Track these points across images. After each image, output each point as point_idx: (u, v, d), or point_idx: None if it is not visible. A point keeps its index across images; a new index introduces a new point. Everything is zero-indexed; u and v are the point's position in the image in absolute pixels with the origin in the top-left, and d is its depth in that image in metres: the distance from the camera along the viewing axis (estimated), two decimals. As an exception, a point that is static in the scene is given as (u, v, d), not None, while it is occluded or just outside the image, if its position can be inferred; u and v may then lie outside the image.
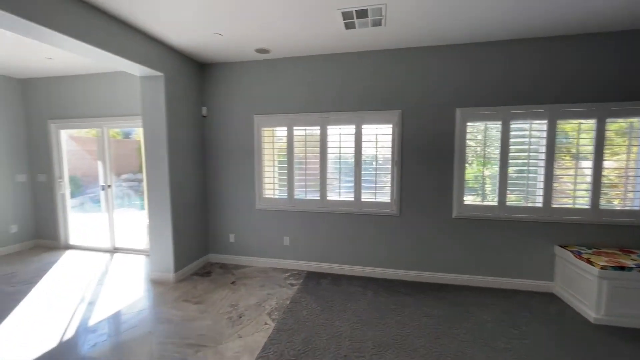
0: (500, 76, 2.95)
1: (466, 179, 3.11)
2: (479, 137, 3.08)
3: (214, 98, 3.63)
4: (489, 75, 2.97)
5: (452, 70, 3.03)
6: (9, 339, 2.22)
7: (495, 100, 2.97)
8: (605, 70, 2.75)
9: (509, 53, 2.91)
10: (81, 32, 2.19)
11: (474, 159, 3.11)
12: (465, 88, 3.02)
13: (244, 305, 2.73)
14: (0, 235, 4.08)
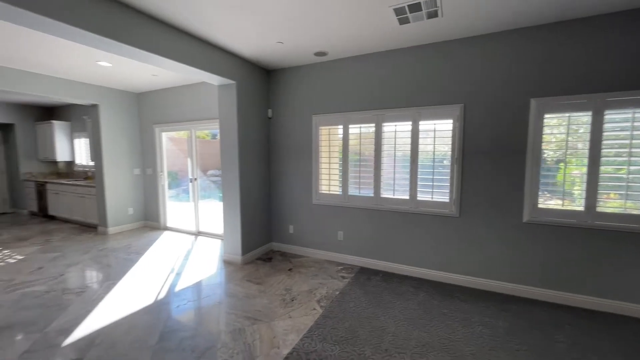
0: (588, 58, 2.50)
1: (542, 180, 2.73)
2: (560, 130, 2.67)
3: (277, 101, 3.99)
4: (573, 59, 2.55)
5: (524, 57, 2.70)
6: (124, 293, 2.91)
7: (583, 87, 2.54)
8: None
9: (600, 29, 2.44)
10: (177, 54, 2.70)
11: (552, 157, 2.71)
12: (541, 76, 2.66)
13: (297, 291, 2.96)
14: (121, 216, 5.25)
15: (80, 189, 5.51)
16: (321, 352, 2.04)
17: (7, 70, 3.86)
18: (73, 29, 2.02)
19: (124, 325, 2.36)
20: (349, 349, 2.08)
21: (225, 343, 2.15)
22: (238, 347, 2.11)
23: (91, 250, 4.19)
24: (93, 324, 2.38)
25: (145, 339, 2.19)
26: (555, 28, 2.57)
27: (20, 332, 2.26)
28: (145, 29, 2.44)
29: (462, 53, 2.92)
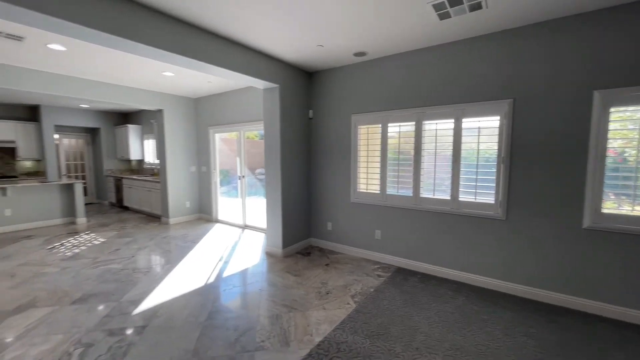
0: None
1: (607, 182, 2.44)
2: (630, 125, 2.36)
3: (318, 101, 4.13)
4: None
5: (585, 45, 2.43)
6: (180, 275, 3.30)
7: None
8: None
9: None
10: (227, 62, 2.99)
11: (620, 155, 2.40)
12: (605, 65, 2.37)
13: (332, 285, 3.06)
14: (180, 209, 5.89)
15: (148, 184, 6.31)
16: (351, 344, 2.11)
17: (96, 84, 4.62)
18: (152, 49, 2.38)
19: (180, 303, 2.70)
20: (379, 344, 2.11)
21: (264, 326, 2.34)
22: (275, 330, 2.28)
23: (155, 237, 4.80)
24: (156, 298, 2.77)
25: (196, 316, 2.48)
26: (630, 9, 2.28)
27: (102, 300, 2.73)
28: (201, 42, 2.75)
29: (510, 45, 2.74)
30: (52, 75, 4.18)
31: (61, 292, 2.88)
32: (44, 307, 2.60)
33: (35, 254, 3.99)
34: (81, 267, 3.53)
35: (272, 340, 2.17)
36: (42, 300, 2.72)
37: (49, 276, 3.26)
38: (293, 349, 2.07)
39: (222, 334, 2.23)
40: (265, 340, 2.16)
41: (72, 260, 3.75)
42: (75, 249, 4.17)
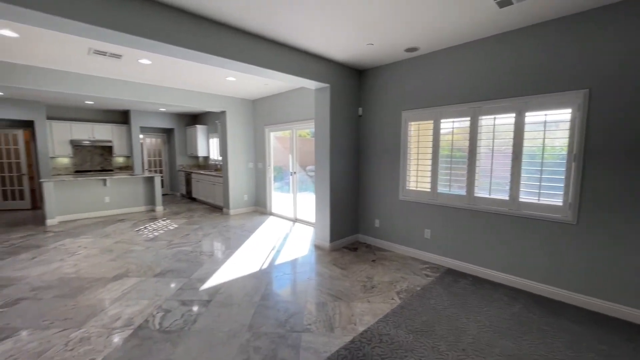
0: None
1: None
2: None
3: (368, 99, 4.16)
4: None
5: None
6: (238, 260, 3.67)
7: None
8: None
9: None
10: (281, 65, 3.23)
11: None
12: None
13: (378, 280, 3.11)
14: (238, 201, 6.45)
15: (212, 178, 7.03)
16: (394, 337, 2.16)
17: (172, 90, 5.32)
18: (220, 59, 2.72)
19: (238, 283, 3.02)
20: (422, 340, 2.12)
21: (310, 311, 2.51)
22: (320, 316, 2.43)
23: (218, 226, 5.36)
24: (218, 278, 3.14)
25: (252, 296, 2.76)
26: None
27: (176, 276, 3.20)
28: (261, 49, 3.02)
29: (580, 31, 2.44)
30: (140, 85, 4.95)
31: (146, 267, 3.45)
32: (134, 277, 3.16)
33: (126, 234, 4.80)
34: (160, 247, 4.15)
35: (318, 324, 2.32)
36: (132, 272, 3.30)
37: (136, 253, 3.91)
38: (337, 334, 2.19)
39: (273, 314, 2.46)
40: (312, 324, 2.33)
41: (153, 241, 4.43)
42: (155, 232, 4.90)
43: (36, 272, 3.26)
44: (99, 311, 2.49)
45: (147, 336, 2.16)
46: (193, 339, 2.13)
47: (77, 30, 2.13)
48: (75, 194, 5.84)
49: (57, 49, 3.40)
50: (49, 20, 1.98)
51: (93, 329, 2.24)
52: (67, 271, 3.31)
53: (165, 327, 2.26)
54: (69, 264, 3.53)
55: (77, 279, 3.10)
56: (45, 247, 4.12)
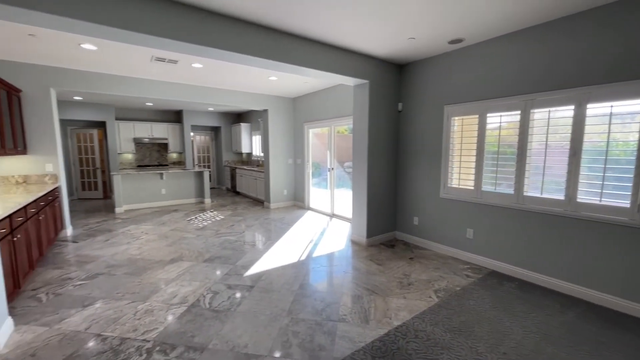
0: None
1: None
2: None
3: (408, 94, 4.07)
4: None
5: None
6: (278, 250, 3.87)
7: None
8: None
9: None
10: (321, 64, 3.31)
11: None
12: None
13: (415, 278, 3.07)
14: (279, 196, 6.73)
15: (254, 173, 7.41)
16: (430, 334, 2.14)
17: (219, 91, 5.71)
18: (258, 59, 2.89)
19: (278, 272, 3.20)
20: (460, 340, 2.08)
21: (346, 303, 2.58)
22: (355, 308, 2.50)
23: (259, 218, 5.66)
24: (260, 266, 3.36)
25: (291, 284, 2.92)
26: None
27: (223, 262, 3.49)
28: (299, 49, 3.13)
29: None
30: (192, 87, 5.40)
31: (197, 253, 3.80)
32: (187, 261, 3.51)
33: (179, 223, 5.30)
34: (208, 236, 4.52)
35: (353, 316, 2.39)
36: (185, 257, 3.66)
37: (189, 240, 4.32)
38: (372, 326, 2.24)
39: (310, 303, 2.58)
40: (347, 315, 2.40)
41: (202, 230, 4.84)
42: (204, 222, 5.34)
43: (109, 253, 3.78)
44: (159, 289, 2.82)
45: (199, 313, 2.41)
46: (238, 319, 2.33)
47: (144, 41, 2.42)
48: (138, 186, 6.57)
49: (126, 58, 3.87)
50: (124, 35, 2.28)
51: (155, 303, 2.56)
52: (133, 253, 3.78)
53: (214, 307, 2.50)
54: (134, 246, 4.02)
55: (141, 260, 3.53)
56: (115, 232, 4.73)
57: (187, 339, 2.09)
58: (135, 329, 2.20)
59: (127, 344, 2.03)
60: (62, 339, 2.08)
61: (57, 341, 2.06)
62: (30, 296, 2.67)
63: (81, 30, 2.20)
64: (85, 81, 4.46)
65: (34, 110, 4.13)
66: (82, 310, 2.44)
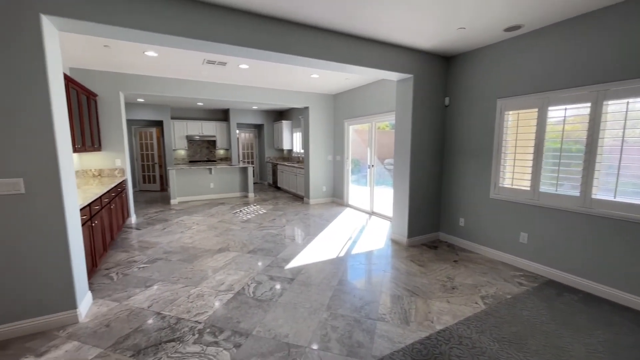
0: None
1: None
2: None
3: (456, 87, 3.84)
4: None
5: None
6: (317, 246, 3.94)
7: None
8: None
9: None
10: (363, 60, 3.27)
11: None
12: None
13: (460, 282, 2.92)
14: (318, 192, 6.82)
15: (295, 170, 7.59)
16: (476, 342, 2.03)
17: (263, 90, 5.94)
18: (301, 58, 2.95)
19: (317, 267, 3.27)
20: (510, 351, 1.94)
21: (386, 302, 2.55)
22: (395, 308, 2.45)
23: (299, 214, 5.81)
24: (300, 260, 3.46)
25: (329, 280, 2.96)
26: None
27: (265, 254, 3.65)
28: (342, 45, 3.12)
29: None
30: (239, 87, 5.69)
31: (241, 244, 4.03)
32: (233, 252, 3.74)
33: (226, 215, 5.65)
34: (252, 228, 4.76)
35: (393, 315, 2.35)
36: (232, 247, 3.91)
37: (234, 232, 4.59)
38: (412, 328, 2.19)
39: (349, 299, 2.60)
40: (387, 314, 2.37)
41: (247, 222, 5.11)
42: (248, 215, 5.63)
43: (166, 240, 4.18)
44: (209, 275, 3.06)
45: (244, 301, 2.56)
46: (279, 310, 2.43)
47: (202, 47, 2.61)
48: (189, 180, 7.13)
49: (181, 62, 4.20)
50: (190, 43, 2.49)
51: (205, 289, 2.78)
52: (186, 241, 4.13)
53: (258, 296, 2.64)
54: (187, 235, 4.39)
55: (193, 248, 3.85)
56: (171, 221, 5.20)
57: (233, 324, 2.24)
58: (189, 310, 2.41)
59: (182, 324, 2.23)
60: (129, 314, 2.37)
61: (125, 315, 2.35)
62: (104, 274, 3.07)
63: (156, 40, 2.46)
64: (147, 85, 4.94)
65: (106, 112, 4.70)
66: (144, 290, 2.74)
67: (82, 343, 2.03)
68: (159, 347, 1.98)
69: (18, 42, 1.93)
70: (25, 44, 1.95)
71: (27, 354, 1.92)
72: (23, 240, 2.05)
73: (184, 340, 2.05)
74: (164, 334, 2.12)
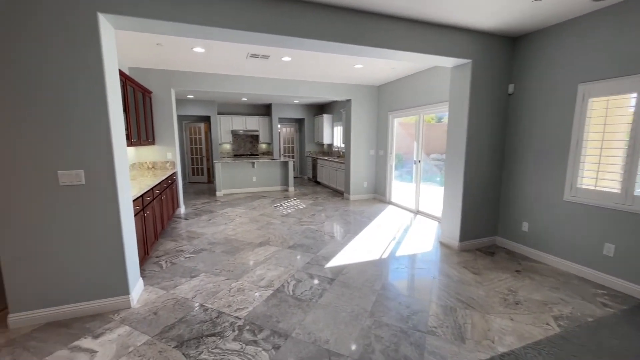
0: None
1: None
2: None
3: (523, 72, 3.34)
4: None
5: None
6: (358, 245, 3.76)
7: None
8: None
9: None
10: (415, 45, 2.97)
11: None
12: None
13: (524, 296, 2.54)
14: (359, 188, 6.60)
15: (335, 164, 7.44)
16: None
17: (305, 83, 5.84)
18: (349, 46, 2.75)
19: (358, 268, 3.10)
20: (599, 390, 1.59)
21: (436, 313, 2.30)
22: (448, 322, 2.19)
23: (339, 209, 5.66)
24: (340, 259, 3.31)
25: (372, 283, 2.78)
26: None
27: (305, 251, 3.57)
28: (391, 30, 2.85)
29: None
30: (281, 81, 5.67)
31: (282, 238, 4.00)
32: (273, 246, 3.72)
33: (267, 209, 5.72)
34: (292, 223, 4.73)
35: (445, 330, 2.10)
36: (272, 241, 3.90)
37: (275, 225, 4.60)
38: (469, 347, 1.92)
39: (394, 307, 2.39)
40: (438, 327, 2.13)
41: (286, 217, 5.10)
42: (288, 210, 5.63)
43: (211, 231, 4.32)
44: (249, 269, 3.06)
45: (284, 299, 2.50)
46: (319, 312, 2.32)
47: (252, 39, 2.56)
48: (234, 173, 7.37)
49: (226, 57, 4.25)
50: (238, 35, 2.45)
51: (246, 283, 2.77)
52: (229, 233, 4.23)
53: (297, 295, 2.56)
54: (230, 227, 4.50)
55: (235, 241, 3.92)
56: (216, 213, 5.40)
57: (272, 323, 2.17)
58: (230, 305, 2.41)
59: (222, 318, 2.23)
60: (175, 303, 2.43)
61: (171, 304, 2.42)
62: (154, 262, 3.24)
63: (211, 35, 2.50)
64: (195, 81, 5.13)
65: (159, 108, 4.98)
66: (189, 280, 2.82)
67: (133, 328, 2.11)
68: (200, 340, 1.99)
69: (77, 40, 2.02)
70: (84, 41, 2.04)
71: (86, 335, 2.05)
72: (84, 228, 2.19)
73: (224, 335, 2.03)
74: (206, 327, 2.13)
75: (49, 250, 2.14)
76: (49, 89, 2.01)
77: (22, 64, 1.94)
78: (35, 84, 1.98)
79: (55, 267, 2.17)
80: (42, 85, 1.99)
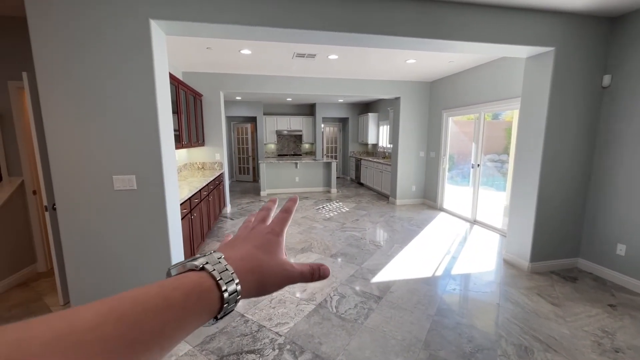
0: None
1: None
2: None
3: (625, 60, 2.71)
4: None
5: None
6: (408, 257, 3.43)
7: None
8: None
9: None
10: (484, 34, 2.56)
11: None
12: None
13: (625, 341, 2.02)
14: (405, 191, 6.17)
15: (380, 166, 7.07)
16: None
17: (350, 81, 5.59)
18: (403, 39, 2.46)
19: (409, 286, 2.79)
20: None
21: (507, 353, 1.92)
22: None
23: (385, 215, 5.32)
24: (388, 274, 3.04)
25: (425, 306, 2.46)
26: None
27: (349, 261, 3.36)
28: (454, 18, 2.49)
29: None
30: (327, 80, 5.50)
31: (324, 245, 3.84)
32: (315, 253, 3.57)
33: (309, 211, 5.61)
34: (334, 228, 4.54)
35: (521, 378, 1.73)
36: (314, 248, 3.75)
37: (317, 230, 4.46)
38: (556, 407, 1.54)
39: (454, 339, 2.06)
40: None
41: (329, 221, 4.93)
42: (330, 213, 5.46)
43: (254, 233, 4.32)
44: (291, 278, 2.94)
45: (326, 317, 2.32)
46: (366, 336, 2.09)
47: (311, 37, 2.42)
48: (277, 173, 7.42)
49: (273, 58, 4.20)
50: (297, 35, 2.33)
51: (287, 294, 2.65)
52: (271, 236, 4.18)
53: (341, 313, 2.36)
54: (272, 230, 4.46)
55: (277, 245, 3.85)
56: (259, 213, 5.43)
57: (314, 344, 2.01)
58: (270, 318, 2.30)
59: (262, 333, 2.12)
60: (217, 311, 2.40)
61: (213, 312, 2.39)
62: (201, 263, 3.29)
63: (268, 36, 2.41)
64: (242, 83, 5.20)
65: (209, 110, 5.14)
66: (232, 286, 2.79)
67: (176, 335, 2.10)
68: (239, 357, 1.90)
69: (131, 48, 2.05)
70: (137, 49, 2.06)
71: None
72: (135, 232, 2.24)
73: (264, 354, 1.92)
74: (246, 342, 2.03)
75: (106, 252, 2.23)
76: (113, 99, 2.08)
77: (88, 78, 2.03)
78: (100, 94, 2.07)
79: (111, 268, 2.26)
80: (107, 95, 2.07)
